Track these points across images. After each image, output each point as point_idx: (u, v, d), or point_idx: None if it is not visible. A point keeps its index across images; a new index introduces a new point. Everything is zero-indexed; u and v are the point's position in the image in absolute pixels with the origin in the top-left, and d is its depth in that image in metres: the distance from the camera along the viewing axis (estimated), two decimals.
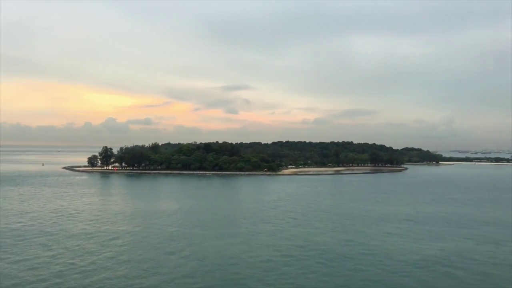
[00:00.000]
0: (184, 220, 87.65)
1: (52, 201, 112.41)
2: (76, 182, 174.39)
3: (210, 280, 48.47)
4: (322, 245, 66.47)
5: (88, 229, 76.15)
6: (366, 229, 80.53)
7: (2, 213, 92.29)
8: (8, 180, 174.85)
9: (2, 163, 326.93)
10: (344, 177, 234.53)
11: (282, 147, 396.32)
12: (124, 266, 53.20)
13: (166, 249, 62.62)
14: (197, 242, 67.52)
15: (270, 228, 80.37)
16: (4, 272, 49.99)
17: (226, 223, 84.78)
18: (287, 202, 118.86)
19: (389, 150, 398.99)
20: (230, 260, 57.16)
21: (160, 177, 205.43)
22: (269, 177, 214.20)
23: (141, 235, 71.85)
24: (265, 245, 66.46)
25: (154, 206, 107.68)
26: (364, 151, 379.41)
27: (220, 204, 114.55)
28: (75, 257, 57.30)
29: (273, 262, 56.66)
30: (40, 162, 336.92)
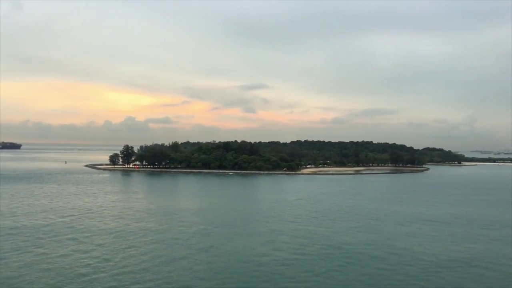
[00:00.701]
0: (206, 218, 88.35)
1: (77, 199, 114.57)
2: (99, 180, 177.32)
3: (237, 278, 48.87)
4: (346, 245, 66.24)
5: (116, 226, 77.51)
6: (389, 230, 79.97)
7: (31, 209, 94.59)
8: (34, 177, 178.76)
9: (26, 161, 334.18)
10: (364, 177, 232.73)
11: (300, 147, 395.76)
12: (156, 263, 54.05)
13: (193, 247, 63.29)
14: (221, 240, 68.02)
15: (292, 227, 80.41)
16: (43, 267, 51.31)
17: (248, 222, 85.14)
18: (308, 201, 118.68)
19: (409, 150, 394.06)
20: (254, 258, 57.47)
21: (180, 176, 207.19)
22: (289, 177, 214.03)
23: (167, 233, 72.72)
24: (288, 244, 66.56)
25: (177, 204, 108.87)
26: (384, 151, 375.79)
27: (241, 203, 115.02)
28: (108, 253, 58.51)
29: (297, 261, 56.74)
30: (62, 160, 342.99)
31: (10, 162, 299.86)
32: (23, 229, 73.47)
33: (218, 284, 47.05)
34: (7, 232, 70.58)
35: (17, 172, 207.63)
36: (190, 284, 46.63)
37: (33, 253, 57.41)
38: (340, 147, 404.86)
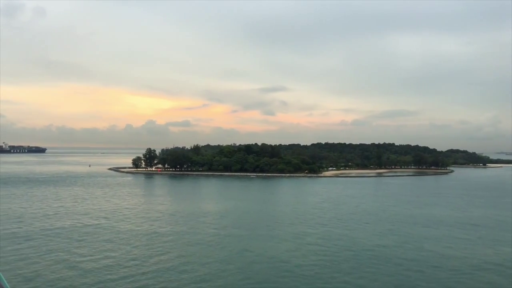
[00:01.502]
0: (232, 221, 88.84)
1: (105, 201, 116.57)
2: (123, 182, 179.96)
3: (267, 280, 49.23)
4: (372, 248, 65.85)
5: (146, 229, 78.74)
6: (416, 232, 79.12)
7: (62, 211, 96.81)
8: (60, 181, 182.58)
9: (51, 164, 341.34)
10: (387, 180, 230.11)
11: (321, 149, 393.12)
12: (185, 266, 54.84)
13: (221, 250, 63.94)
14: (248, 243, 68.43)
15: (318, 230, 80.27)
16: (80, 266, 52.58)
17: (274, 225, 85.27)
18: (332, 204, 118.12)
19: (433, 152, 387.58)
20: (283, 261, 57.73)
21: (202, 179, 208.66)
22: (311, 179, 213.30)
23: (194, 236, 73.53)
24: (313, 247, 66.53)
25: (201, 207, 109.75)
26: (407, 153, 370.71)
27: (264, 205, 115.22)
28: (141, 255, 59.68)
29: (323, 263, 56.77)
30: (86, 164, 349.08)
31: (36, 166, 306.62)
32: (55, 231, 75.24)
33: (250, 286, 47.52)
34: (41, 233, 72.44)
35: (44, 175, 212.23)
36: (221, 286, 47.24)
37: (71, 255, 58.81)
38: (362, 149, 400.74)
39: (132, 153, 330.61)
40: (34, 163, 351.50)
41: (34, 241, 66.69)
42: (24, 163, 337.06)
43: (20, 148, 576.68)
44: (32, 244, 64.54)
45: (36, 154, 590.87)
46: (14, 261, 54.63)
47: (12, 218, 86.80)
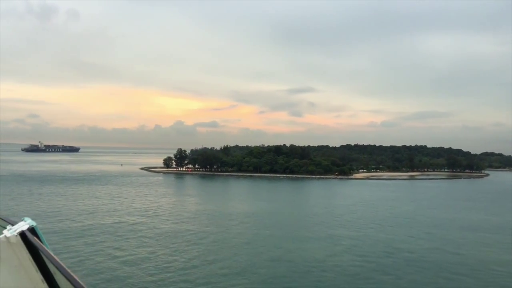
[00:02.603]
0: (262, 222, 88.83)
1: (139, 200, 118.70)
2: (155, 182, 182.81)
3: (302, 283, 48.93)
4: (409, 252, 64.65)
5: (177, 228, 79.78)
6: (453, 237, 77.23)
7: (99, 208, 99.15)
8: (95, 180, 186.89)
9: (85, 163, 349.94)
10: (420, 183, 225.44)
11: (350, 151, 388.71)
12: (220, 265, 55.31)
13: (255, 251, 64.03)
14: (281, 244, 68.26)
15: (351, 233, 79.31)
16: (109, 265, 53.70)
17: (306, 227, 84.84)
18: (363, 207, 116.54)
19: (466, 155, 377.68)
20: (317, 264, 57.33)
21: (232, 179, 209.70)
22: (341, 181, 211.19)
23: (230, 236, 74.02)
24: (349, 250, 65.80)
25: (233, 207, 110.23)
26: (439, 155, 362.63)
27: (295, 207, 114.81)
28: (173, 253, 60.52)
29: (360, 268, 56.06)
30: (118, 163, 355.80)
31: (71, 165, 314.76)
32: (92, 229, 77.07)
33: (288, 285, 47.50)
34: (79, 232, 74.27)
35: (79, 174, 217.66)
36: (259, 284, 47.33)
37: (121, 251, 60.14)
38: (392, 151, 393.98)
39: (161, 153, 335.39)
40: (68, 162, 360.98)
41: (86, 238, 68.49)
42: (59, 162, 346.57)
43: (55, 148, 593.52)
44: (86, 241, 66.26)
45: (70, 153, 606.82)
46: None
47: (54, 215, 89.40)
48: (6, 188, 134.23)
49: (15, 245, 1.78)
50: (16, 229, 1.80)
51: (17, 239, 1.77)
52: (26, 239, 1.78)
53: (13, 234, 1.78)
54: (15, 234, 1.78)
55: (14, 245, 1.78)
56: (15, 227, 1.83)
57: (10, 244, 1.78)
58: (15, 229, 1.81)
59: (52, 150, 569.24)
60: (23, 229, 1.80)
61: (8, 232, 1.80)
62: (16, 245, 1.79)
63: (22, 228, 1.80)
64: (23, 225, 1.83)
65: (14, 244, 1.78)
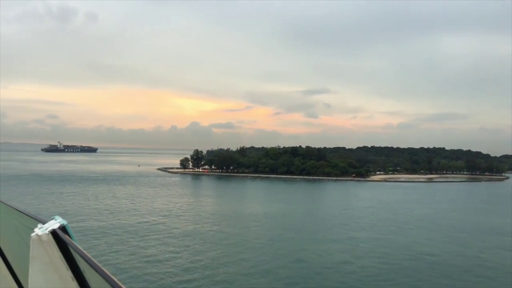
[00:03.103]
0: (282, 223, 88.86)
1: (157, 200, 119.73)
2: (172, 183, 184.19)
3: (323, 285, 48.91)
4: (431, 255, 64.02)
5: (197, 228, 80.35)
6: (475, 241, 76.23)
7: (119, 208, 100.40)
8: (113, 180, 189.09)
9: (103, 163, 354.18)
10: (438, 185, 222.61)
11: (367, 153, 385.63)
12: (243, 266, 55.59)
13: (275, 252, 64.13)
14: (300, 246, 68.20)
15: (370, 235, 78.87)
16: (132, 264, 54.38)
17: (325, 228, 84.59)
18: (382, 209, 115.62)
19: (486, 157, 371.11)
20: (337, 266, 57.20)
21: (248, 180, 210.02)
22: (358, 183, 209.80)
23: (249, 237, 74.23)
24: (369, 253, 65.40)
25: (250, 208, 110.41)
26: (458, 158, 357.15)
27: (313, 208, 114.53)
28: (195, 254, 61.08)
29: (380, 270, 55.71)
30: (135, 163, 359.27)
31: (89, 165, 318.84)
32: (114, 228, 78.09)
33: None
34: (101, 231, 75.31)
35: (97, 174, 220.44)
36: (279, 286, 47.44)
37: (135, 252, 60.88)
38: (410, 153, 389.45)
39: (177, 154, 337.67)
40: (86, 162, 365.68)
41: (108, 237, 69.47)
42: (77, 162, 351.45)
43: (74, 148, 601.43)
44: (108, 240, 67.24)
45: (88, 153, 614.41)
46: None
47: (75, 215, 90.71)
48: (28, 187, 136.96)
49: (46, 243, 1.83)
50: (47, 228, 1.85)
51: (49, 237, 1.82)
52: (57, 237, 1.84)
53: (44, 232, 1.83)
54: (47, 232, 1.83)
55: (45, 243, 1.83)
56: (46, 226, 1.87)
57: (42, 242, 1.83)
58: (46, 227, 1.86)
59: (70, 150, 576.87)
60: (54, 227, 1.85)
61: (39, 231, 1.85)
62: (47, 243, 1.83)
63: (53, 226, 1.86)
64: (53, 223, 1.88)
65: (45, 242, 1.83)
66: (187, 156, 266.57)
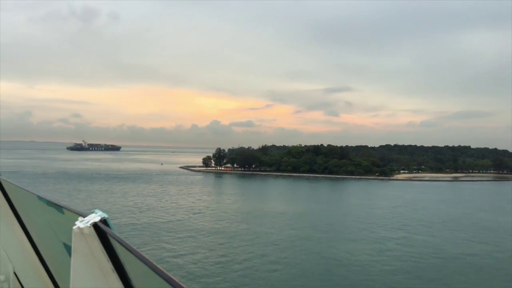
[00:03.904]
0: (308, 222, 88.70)
1: (182, 198, 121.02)
2: (195, 181, 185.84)
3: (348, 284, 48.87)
4: (460, 256, 63.07)
5: (226, 227, 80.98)
6: (504, 241, 74.88)
7: (146, 206, 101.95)
8: (138, 178, 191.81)
9: (126, 162, 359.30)
10: (464, 184, 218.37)
11: (390, 151, 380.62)
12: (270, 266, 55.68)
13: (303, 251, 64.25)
14: (327, 245, 68.14)
15: (396, 235, 78.03)
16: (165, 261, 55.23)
17: (349, 228, 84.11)
18: (408, 208, 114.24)
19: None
20: (365, 265, 56.81)
21: (271, 179, 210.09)
22: (382, 182, 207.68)
23: (273, 236, 74.40)
24: (396, 252, 64.84)
25: (274, 207, 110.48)
26: (484, 156, 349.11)
27: (337, 207, 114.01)
28: (227, 254, 61.33)
29: (410, 270, 55.21)
30: (158, 162, 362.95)
31: (113, 163, 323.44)
32: (143, 225, 79.38)
33: None
34: (130, 228, 76.60)
35: (121, 172, 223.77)
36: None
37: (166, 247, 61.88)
38: (434, 151, 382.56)
39: (198, 152, 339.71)
40: (110, 160, 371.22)
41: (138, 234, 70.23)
42: (101, 160, 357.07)
43: (98, 146, 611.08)
44: (138, 237, 67.80)
45: (112, 152, 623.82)
46: None
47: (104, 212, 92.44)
48: (56, 185, 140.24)
49: (87, 235, 1.86)
50: (89, 221, 1.88)
51: (90, 230, 1.86)
52: (98, 230, 1.88)
53: (86, 225, 1.86)
54: (88, 225, 1.86)
55: (87, 236, 1.87)
56: (87, 219, 1.90)
57: (83, 235, 1.87)
58: (87, 220, 1.89)
59: (95, 149, 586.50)
60: (96, 220, 1.89)
61: (81, 224, 1.88)
62: (89, 236, 1.87)
63: (94, 219, 1.89)
64: (94, 216, 1.91)
65: (87, 235, 1.86)
66: (208, 154, 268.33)
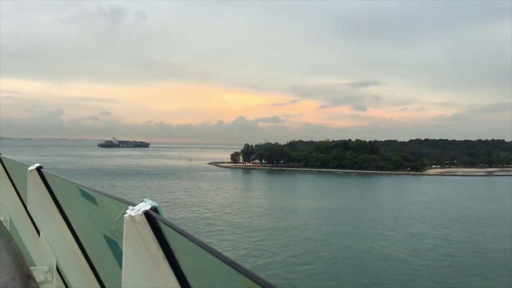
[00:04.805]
0: (337, 218, 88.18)
1: (213, 194, 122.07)
2: (224, 177, 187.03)
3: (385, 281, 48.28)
4: (498, 253, 61.28)
5: (259, 223, 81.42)
6: None
7: (178, 202, 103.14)
8: (168, 174, 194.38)
9: (156, 158, 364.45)
10: (500, 179, 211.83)
11: (421, 145, 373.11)
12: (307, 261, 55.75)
13: (335, 247, 63.80)
14: (360, 241, 67.41)
15: (432, 231, 76.73)
16: None
17: (383, 224, 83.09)
18: (442, 204, 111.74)
19: None
20: (400, 261, 56.14)
21: (299, 174, 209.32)
22: (413, 177, 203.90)
23: (305, 231, 74.37)
24: (433, 249, 63.63)
25: (304, 203, 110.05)
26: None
27: (368, 203, 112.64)
28: (269, 249, 61.65)
29: (447, 266, 54.33)
30: (186, 158, 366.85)
31: (143, 160, 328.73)
32: (178, 220, 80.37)
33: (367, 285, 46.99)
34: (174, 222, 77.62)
35: (151, 168, 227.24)
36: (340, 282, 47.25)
37: None
38: (466, 146, 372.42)
39: (224, 148, 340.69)
40: (140, 157, 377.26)
41: None
42: (131, 156, 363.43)
43: (127, 143, 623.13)
44: None
45: (141, 148, 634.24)
46: None
47: None
48: (90, 181, 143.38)
49: (139, 223, 1.89)
50: (140, 209, 1.91)
51: (142, 218, 1.89)
52: (149, 218, 1.90)
53: (137, 213, 1.89)
54: (140, 213, 1.89)
55: (138, 223, 1.90)
56: (138, 207, 1.93)
57: (134, 223, 1.90)
58: (138, 208, 1.92)
59: (125, 146, 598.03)
60: (146, 208, 1.91)
61: (132, 212, 1.91)
62: (140, 224, 1.90)
63: (145, 207, 1.91)
64: (145, 205, 1.93)
65: (138, 223, 1.90)
66: (236, 150, 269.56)
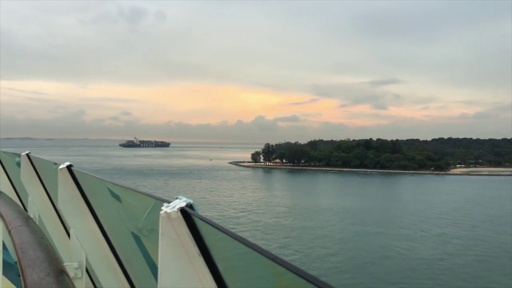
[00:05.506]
0: (361, 218, 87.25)
1: (236, 193, 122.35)
2: (246, 176, 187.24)
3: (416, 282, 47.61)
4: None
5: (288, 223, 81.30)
6: None
7: (201, 201, 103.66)
8: (189, 173, 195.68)
9: (176, 158, 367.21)
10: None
11: (443, 144, 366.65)
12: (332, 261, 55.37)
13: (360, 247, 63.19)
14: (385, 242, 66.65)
15: (460, 232, 75.36)
16: None
17: (408, 224, 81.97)
18: (468, 204, 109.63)
19: None
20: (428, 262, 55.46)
21: (321, 174, 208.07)
22: (437, 177, 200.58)
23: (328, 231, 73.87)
24: (461, 250, 62.61)
25: (327, 202, 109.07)
26: None
27: (393, 203, 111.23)
28: (296, 248, 61.87)
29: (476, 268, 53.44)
30: (207, 157, 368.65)
31: (164, 159, 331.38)
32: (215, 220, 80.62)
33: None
34: None
35: (172, 168, 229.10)
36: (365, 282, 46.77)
37: None
38: (491, 144, 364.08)
39: (244, 148, 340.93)
40: (161, 156, 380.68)
41: None
42: (152, 156, 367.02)
43: (149, 143, 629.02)
44: None
45: (162, 148, 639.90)
46: None
47: None
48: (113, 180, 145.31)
49: (174, 220, 1.92)
50: (175, 206, 1.94)
51: (177, 215, 1.91)
52: (185, 215, 1.92)
53: (173, 210, 1.91)
54: (176, 210, 1.91)
55: (173, 220, 1.92)
56: (173, 204, 1.96)
57: (170, 220, 1.92)
58: (173, 205, 1.95)
59: (146, 145, 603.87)
60: (182, 205, 1.94)
61: (168, 209, 1.94)
62: (175, 220, 1.92)
63: (180, 204, 1.95)
64: (180, 202, 1.97)
65: (174, 220, 1.92)
66: (256, 149, 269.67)
